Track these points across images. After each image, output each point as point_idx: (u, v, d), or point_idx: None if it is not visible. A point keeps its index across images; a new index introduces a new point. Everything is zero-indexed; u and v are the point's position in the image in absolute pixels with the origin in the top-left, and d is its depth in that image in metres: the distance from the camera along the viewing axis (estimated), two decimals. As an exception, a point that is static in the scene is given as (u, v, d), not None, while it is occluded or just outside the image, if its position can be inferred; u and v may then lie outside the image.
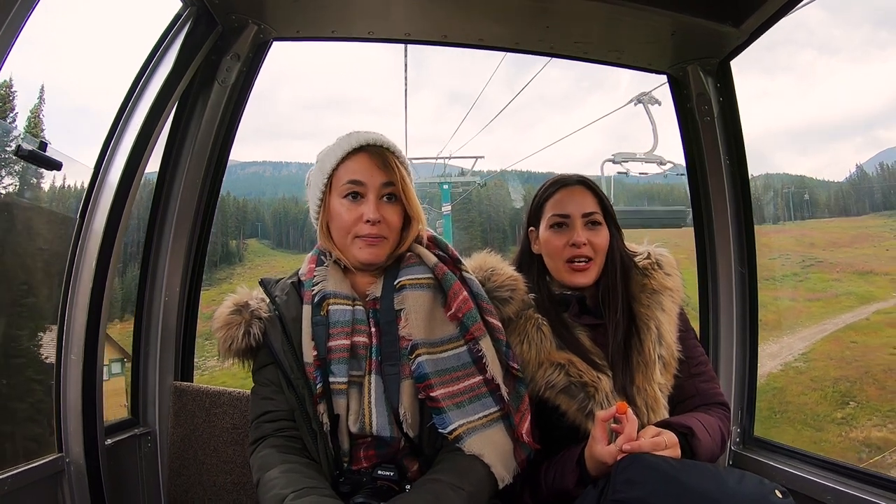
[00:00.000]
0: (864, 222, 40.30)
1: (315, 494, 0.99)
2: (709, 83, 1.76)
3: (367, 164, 1.18)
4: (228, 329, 1.19)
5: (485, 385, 1.15)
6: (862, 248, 35.67)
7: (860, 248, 35.76)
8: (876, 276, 31.40)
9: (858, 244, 36.14)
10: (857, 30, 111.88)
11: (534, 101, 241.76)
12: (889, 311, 26.03)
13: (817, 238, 37.71)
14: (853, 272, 32.62)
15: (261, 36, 1.67)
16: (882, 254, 33.99)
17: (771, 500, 0.94)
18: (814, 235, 38.24)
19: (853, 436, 17.99)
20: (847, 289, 30.47)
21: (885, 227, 38.47)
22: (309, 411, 1.12)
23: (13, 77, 1.93)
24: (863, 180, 46.46)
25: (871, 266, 32.55)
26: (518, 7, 1.62)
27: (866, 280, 31.47)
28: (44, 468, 1.35)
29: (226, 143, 1.80)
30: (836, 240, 37.45)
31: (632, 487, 0.96)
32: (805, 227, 40.73)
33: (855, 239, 37.09)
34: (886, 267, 32.01)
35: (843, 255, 35.11)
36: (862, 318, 25.97)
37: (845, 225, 40.64)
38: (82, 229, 1.45)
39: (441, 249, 1.27)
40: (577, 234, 1.33)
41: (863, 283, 31.23)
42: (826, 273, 33.03)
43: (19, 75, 1.73)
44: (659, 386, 1.26)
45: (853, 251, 35.60)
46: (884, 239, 36.17)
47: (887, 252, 34.01)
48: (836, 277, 32.34)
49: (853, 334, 24.70)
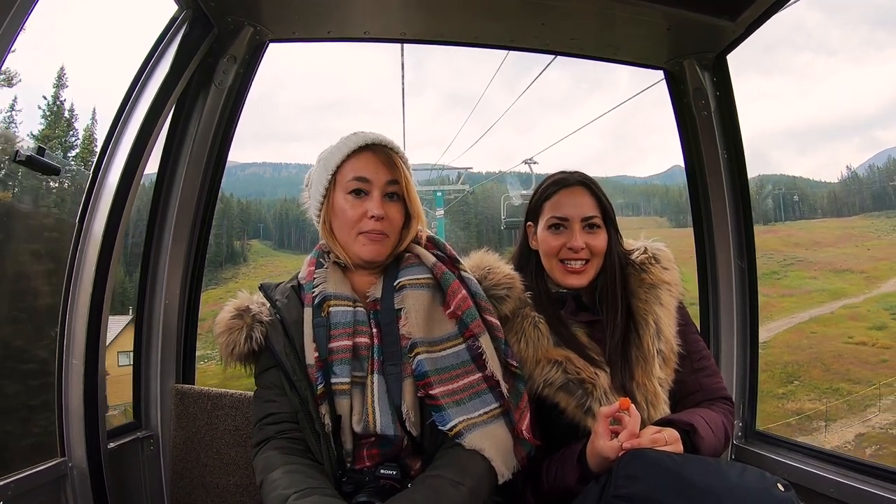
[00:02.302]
0: (853, 223, 41.99)
1: (318, 494, 1.00)
2: (705, 78, 1.76)
3: (373, 162, 1.19)
4: (230, 334, 1.20)
5: (484, 382, 1.15)
6: (844, 247, 37.81)
7: (843, 247, 37.88)
8: (851, 275, 33.62)
9: (842, 244, 38.52)
10: (855, 31, 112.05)
11: (534, 103, 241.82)
12: (854, 306, 28.60)
13: (803, 238, 40.07)
14: (830, 270, 34.90)
15: (257, 38, 1.68)
16: (862, 253, 35.93)
17: (773, 493, 0.94)
18: (800, 235, 40.52)
19: (788, 407, 20.81)
20: (821, 286, 32.86)
21: (872, 227, 40.22)
22: (312, 412, 1.12)
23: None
24: (854, 182, 47.32)
25: (849, 265, 34.64)
26: (513, 4, 1.62)
27: (841, 278, 33.67)
28: (46, 473, 1.35)
29: (224, 145, 1.80)
30: (821, 240, 39.85)
31: (634, 482, 0.96)
32: (793, 227, 42.78)
33: (839, 239, 39.23)
34: (863, 265, 34.09)
35: (825, 255, 37.31)
36: (827, 312, 28.60)
37: (832, 225, 42.65)
38: (82, 232, 1.46)
39: (439, 249, 1.28)
40: (574, 239, 1.32)
41: (838, 280, 33.53)
42: (804, 271, 35.21)
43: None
44: (658, 381, 1.26)
45: (835, 250, 37.75)
46: (867, 239, 38.24)
47: (868, 251, 35.98)
48: (814, 275, 34.65)
49: (815, 326, 27.37)
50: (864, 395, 20.07)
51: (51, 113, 23.07)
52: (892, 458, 16.33)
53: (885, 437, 17.60)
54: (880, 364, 22.61)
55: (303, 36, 1.73)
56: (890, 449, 16.92)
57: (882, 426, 18.19)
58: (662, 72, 1.87)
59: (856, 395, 20.41)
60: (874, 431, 18.03)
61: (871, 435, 17.84)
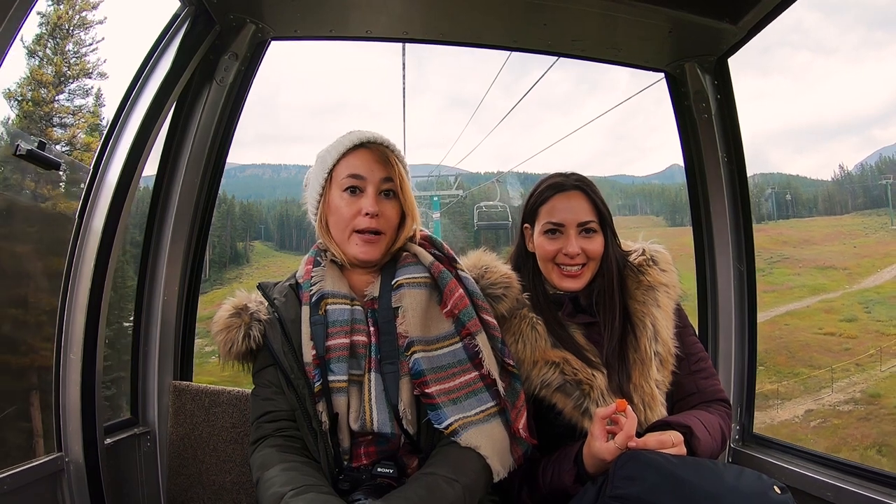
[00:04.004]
0: (843, 221, 42.79)
1: (314, 492, 1.00)
2: (706, 80, 1.76)
3: (368, 160, 1.19)
4: (228, 332, 1.20)
5: (481, 380, 1.15)
6: (832, 245, 39.40)
7: (830, 245, 39.41)
8: (834, 271, 35.24)
9: (829, 242, 40.00)
10: (852, 31, 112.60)
11: (534, 104, 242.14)
12: (829, 300, 30.51)
13: (792, 236, 41.46)
14: (814, 267, 36.39)
15: (259, 35, 1.68)
16: (848, 250, 37.57)
17: (769, 495, 0.94)
18: (789, 234, 41.59)
19: (748, 387, 22.87)
20: (803, 282, 34.34)
21: (861, 225, 40.95)
22: (309, 410, 1.12)
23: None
24: (847, 181, 47.88)
25: (833, 262, 36.24)
26: (515, 5, 1.62)
27: (824, 274, 35.24)
28: (43, 468, 1.35)
29: (224, 143, 1.80)
30: (809, 238, 41.13)
31: (631, 483, 0.96)
32: (783, 226, 43.81)
33: (827, 237, 40.24)
34: (846, 262, 35.76)
35: (810, 252, 38.77)
36: (803, 306, 30.52)
37: (823, 223, 43.62)
38: (81, 229, 1.46)
39: (437, 248, 1.28)
40: (570, 245, 1.32)
41: (820, 276, 35.10)
42: (789, 268, 36.59)
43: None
44: (656, 382, 1.26)
45: (821, 248, 39.21)
46: (856, 236, 39.29)
47: (854, 249, 37.67)
48: (797, 272, 36.09)
49: (789, 318, 29.14)
50: (821, 379, 22.63)
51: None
52: (832, 429, 19.20)
53: (831, 413, 20.15)
54: (842, 352, 24.97)
55: (304, 34, 1.73)
56: (832, 422, 19.61)
57: (831, 404, 20.75)
58: (664, 74, 1.87)
59: (813, 378, 22.97)
60: (822, 408, 20.66)
61: (819, 411, 20.48)
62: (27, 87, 17.93)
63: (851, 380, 22.34)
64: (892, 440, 17.91)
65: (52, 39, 18.63)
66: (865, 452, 17.34)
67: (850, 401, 20.75)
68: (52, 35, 18.58)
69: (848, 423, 19.35)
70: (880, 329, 26.31)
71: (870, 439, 18.21)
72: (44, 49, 18.63)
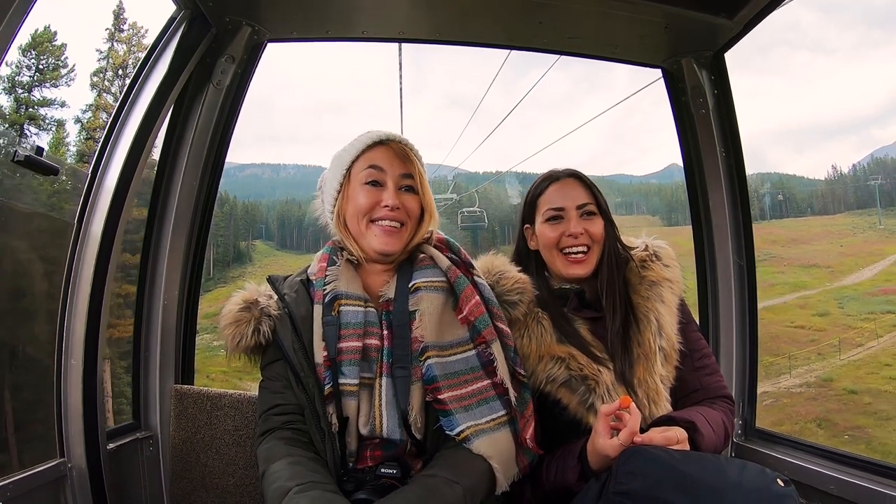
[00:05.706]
0: (835, 220, 43.55)
1: (319, 489, 0.99)
2: (703, 76, 1.76)
3: (388, 155, 1.20)
4: (237, 326, 1.19)
5: (493, 389, 1.14)
6: (819, 244, 40.49)
7: (817, 244, 40.53)
8: (817, 269, 36.38)
9: (817, 241, 41.36)
10: (851, 30, 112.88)
11: (533, 104, 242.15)
12: (806, 297, 31.80)
13: (781, 235, 42.61)
14: (798, 265, 37.38)
15: (255, 37, 1.68)
16: (834, 249, 38.66)
17: (773, 489, 0.94)
18: (779, 233, 42.74)
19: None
20: (785, 280, 35.27)
21: (850, 225, 41.66)
22: (318, 410, 1.11)
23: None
24: (839, 181, 48.38)
25: (817, 260, 37.35)
26: (511, 4, 1.62)
27: (807, 272, 36.27)
28: (46, 473, 1.35)
29: (222, 145, 1.80)
30: (798, 237, 42.29)
31: (634, 479, 0.96)
32: (774, 225, 44.71)
33: (816, 236, 41.34)
34: (830, 261, 36.85)
35: (797, 251, 39.77)
36: (781, 302, 31.62)
37: (814, 223, 44.30)
38: (80, 233, 1.45)
39: (454, 253, 1.28)
40: (572, 225, 1.34)
41: (803, 274, 36.11)
42: (774, 267, 37.41)
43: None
44: (660, 377, 1.26)
45: (808, 247, 40.25)
46: (844, 236, 40.36)
47: (840, 248, 38.76)
48: (781, 270, 36.92)
49: (765, 313, 29.28)
50: (782, 366, 24.53)
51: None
52: (780, 406, 21.03)
53: (783, 394, 22.30)
54: (808, 343, 26.81)
55: (301, 36, 1.73)
56: (782, 401, 21.59)
57: (786, 387, 22.85)
58: (661, 70, 1.87)
59: (775, 365, 24.57)
60: (777, 390, 22.60)
61: (774, 392, 22.34)
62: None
63: (811, 367, 24.38)
64: (832, 416, 19.89)
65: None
66: (806, 426, 19.40)
67: (803, 384, 22.88)
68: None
69: (797, 402, 21.43)
70: (849, 323, 27.91)
71: (812, 415, 20.20)
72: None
